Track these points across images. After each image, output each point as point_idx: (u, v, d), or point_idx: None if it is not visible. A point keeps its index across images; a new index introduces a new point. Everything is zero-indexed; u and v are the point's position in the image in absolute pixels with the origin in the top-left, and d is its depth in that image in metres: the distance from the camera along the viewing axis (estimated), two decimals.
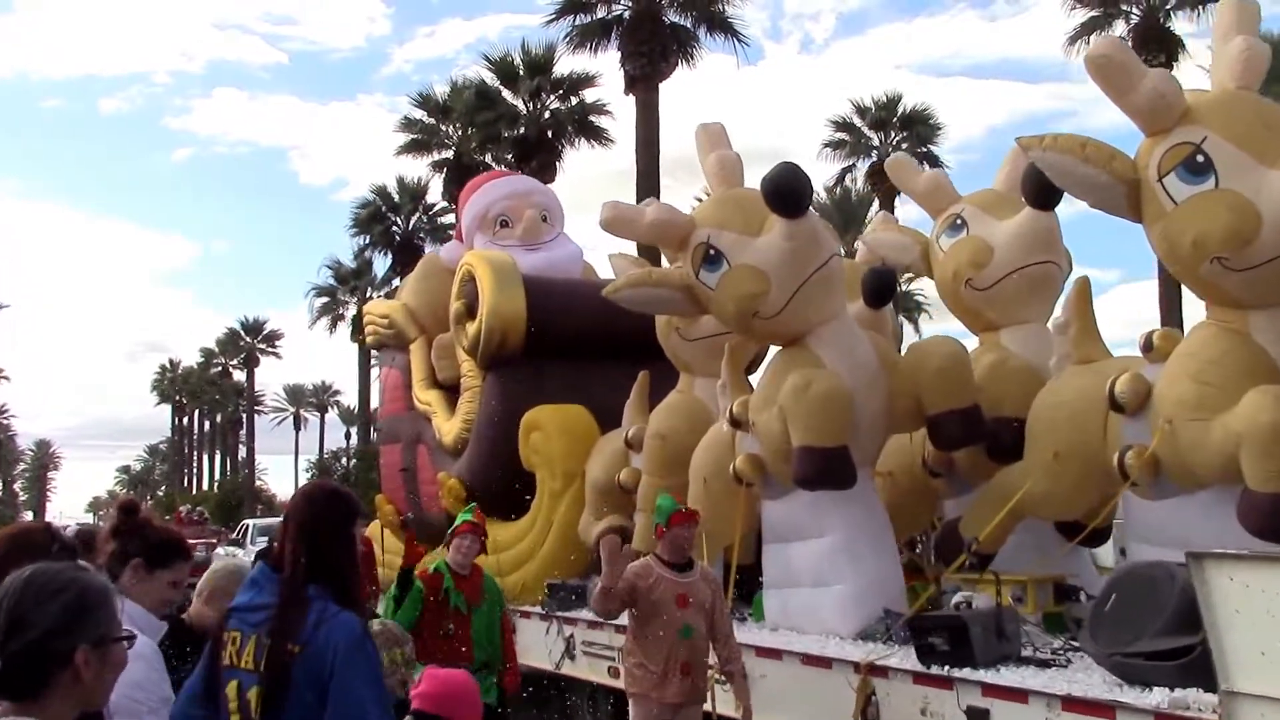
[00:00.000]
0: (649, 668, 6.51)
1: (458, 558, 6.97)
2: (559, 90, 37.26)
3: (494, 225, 12.27)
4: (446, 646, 6.71)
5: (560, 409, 10.34)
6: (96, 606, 2.36)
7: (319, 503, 3.52)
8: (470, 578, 7.00)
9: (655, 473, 9.09)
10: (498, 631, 7.05)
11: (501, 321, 10.75)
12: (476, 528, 7.06)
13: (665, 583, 6.55)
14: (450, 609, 6.82)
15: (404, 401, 12.63)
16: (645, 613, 6.54)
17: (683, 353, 9.28)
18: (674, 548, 6.61)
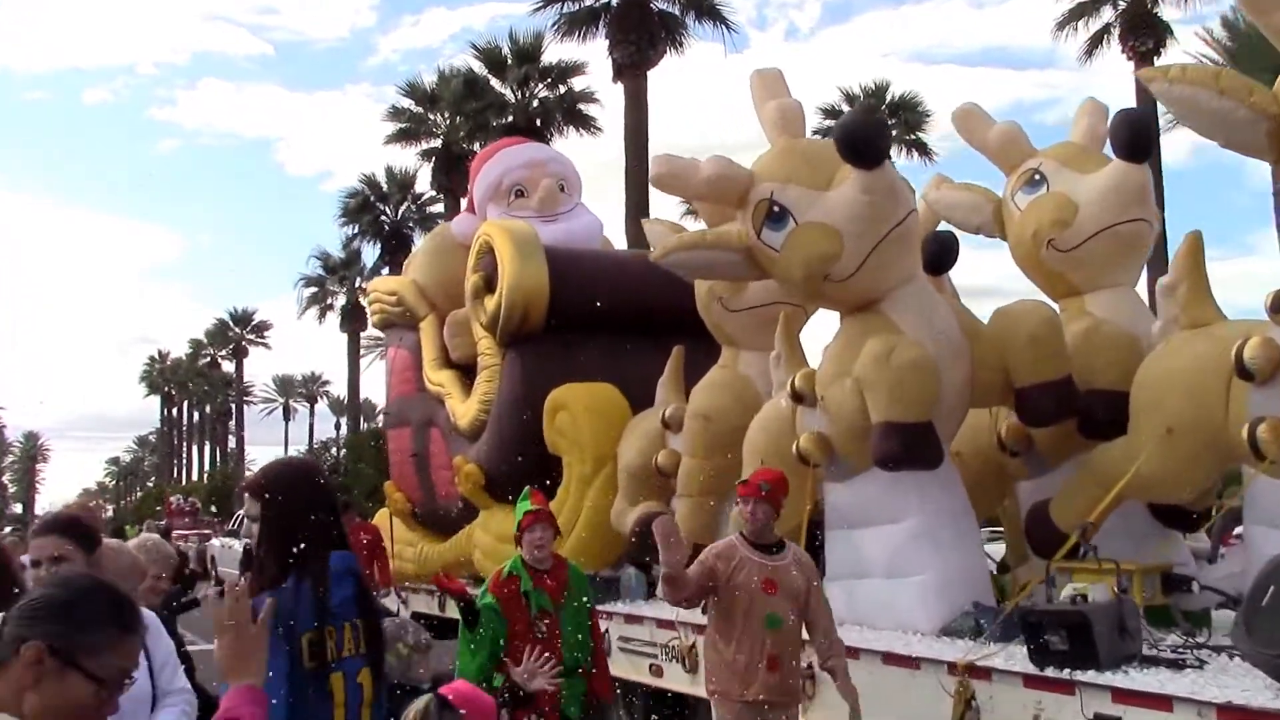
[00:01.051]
0: (730, 663, 5.65)
1: (534, 553, 5.94)
2: (547, 79, 36.79)
3: (508, 195, 11.33)
4: (540, 648, 5.78)
5: (589, 388, 9.43)
6: (79, 617, 2.11)
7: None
8: (552, 572, 6.01)
9: (698, 455, 8.19)
10: (588, 628, 6.03)
11: (523, 295, 9.82)
12: (543, 514, 6.06)
13: (750, 566, 5.67)
14: (536, 612, 5.85)
15: (414, 383, 11.69)
16: (726, 600, 5.67)
17: (726, 325, 8.37)
18: (755, 525, 5.73)
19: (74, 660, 2.08)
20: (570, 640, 5.86)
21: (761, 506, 5.76)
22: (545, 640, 5.72)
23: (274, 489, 3.37)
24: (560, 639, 5.81)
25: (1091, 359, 6.66)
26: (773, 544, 5.80)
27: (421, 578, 11.66)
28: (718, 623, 5.77)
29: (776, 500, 5.78)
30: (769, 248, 6.69)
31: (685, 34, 31.15)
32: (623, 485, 9.00)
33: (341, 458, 51.86)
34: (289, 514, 3.32)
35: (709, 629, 5.88)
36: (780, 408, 7.31)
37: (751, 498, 5.76)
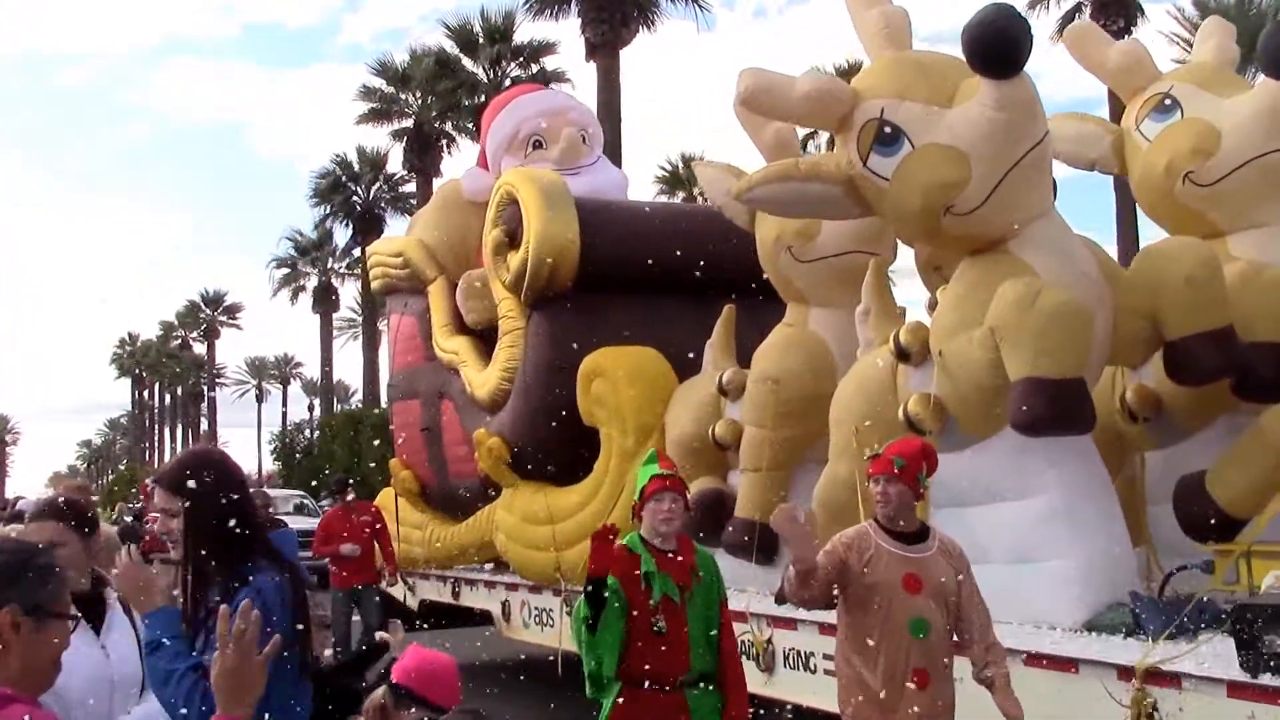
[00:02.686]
0: (866, 678, 4.48)
1: (658, 527, 4.65)
2: (519, 58, 35.93)
3: (526, 147, 10.08)
4: (656, 651, 4.56)
5: (629, 352, 8.23)
6: (34, 574, 2.15)
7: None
8: (678, 553, 4.72)
9: (766, 424, 7.02)
10: (717, 626, 4.74)
11: (552, 250, 8.59)
12: (674, 481, 4.75)
13: (887, 558, 4.50)
14: (657, 600, 4.58)
15: (422, 352, 10.43)
16: (859, 599, 4.50)
17: (796, 278, 7.19)
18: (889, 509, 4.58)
19: (50, 611, 2.13)
20: (697, 639, 4.63)
21: (896, 486, 4.58)
22: (666, 639, 4.54)
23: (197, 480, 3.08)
24: (687, 638, 4.59)
25: (1252, 306, 5.54)
26: (913, 531, 4.65)
27: (431, 562, 10.44)
28: (850, 630, 4.61)
29: (914, 478, 4.62)
30: (877, 176, 5.53)
31: (657, 13, 30.46)
32: (672, 459, 7.79)
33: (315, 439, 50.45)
34: (216, 505, 3.06)
35: (839, 637, 4.71)
36: (877, 368, 6.14)
37: (883, 475, 4.59)
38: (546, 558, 8.52)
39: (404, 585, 10.93)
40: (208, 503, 3.05)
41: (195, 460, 3.23)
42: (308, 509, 24.26)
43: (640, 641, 4.54)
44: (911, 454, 4.63)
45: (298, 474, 39.79)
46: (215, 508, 3.04)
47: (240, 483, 3.19)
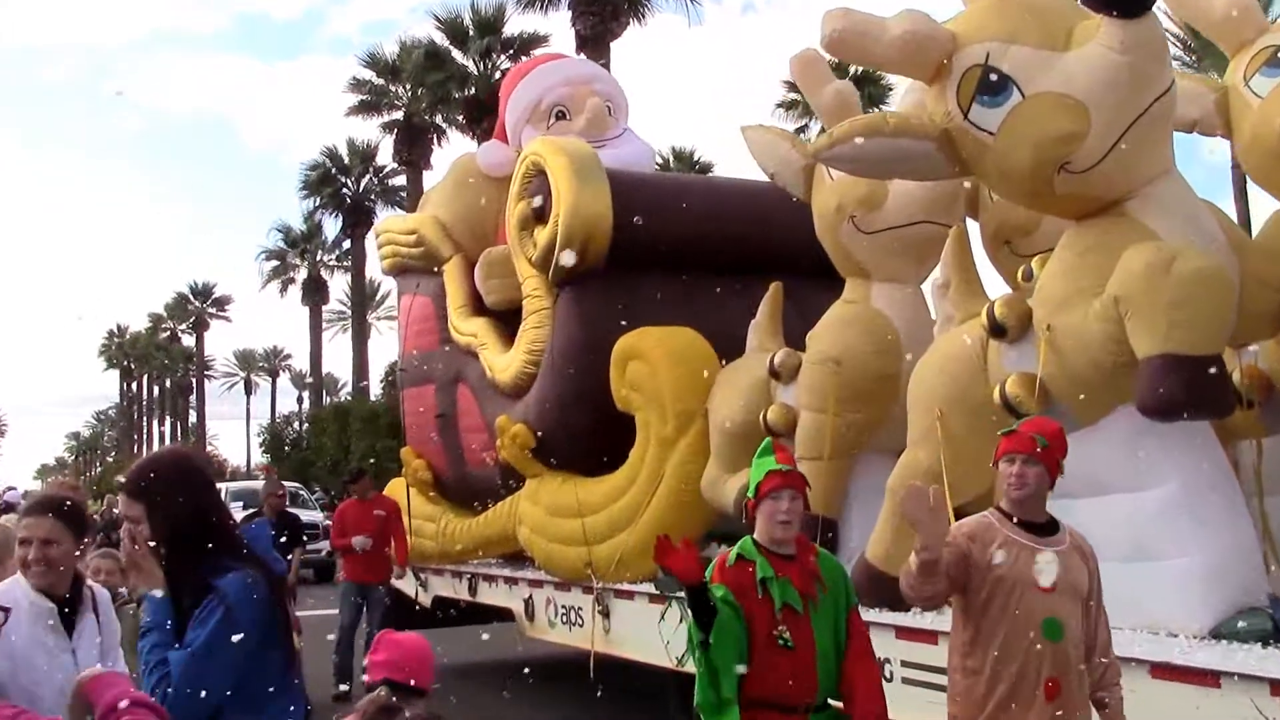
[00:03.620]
0: (990, 687, 3.80)
1: (777, 531, 3.92)
2: (509, 50, 35.04)
3: (548, 117, 9.36)
4: (781, 668, 3.81)
5: (668, 332, 7.52)
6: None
7: None
8: (799, 557, 4.00)
9: (826, 408, 6.33)
10: (844, 639, 3.99)
11: (583, 224, 7.87)
12: (794, 477, 4.00)
13: (1018, 551, 3.84)
14: (779, 610, 3.86)
15: (436, 334, 9.68)
16: (983, 598, 3.84)
17: (858, 250, 6.49)
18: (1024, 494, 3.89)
19: None
20: (826, 655, 3.90)
21: (1035, 468, 3.91)
22: (793, 655, 3.83)
23: (159, 486, 2.97)
24: (815, 654, 3.87)
25: None
26: (1044, 522, 3.97)
27: (446, 556, 9.71)
28: (967, 632, 3.93)
29: (1055, 461, 3.94)
30: (980, 130, 4.83)
31: (647, 6, 29.75)
32: (718, 448, 7.10)
33: (304, 432, 49.56)
34: (184, 506, 2.96)
35: (953, 642, 4.03)
36: (964, 345, 5.46)
37: (1020, 455, 3.91)
38: (576, 553, 7.81)
39: (415, 581, 10.20)
40: (170, 506, 2.93)
41: (155, 463, 3.10)
42: (302, 499, 23.52)
43: (762, 658, 3.83)
44: (1053, 433, 3.97)
45: (286, 466, 39.05)
46: (178, 510, 2.93)
47: (204, 483, 3.07)
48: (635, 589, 7.40)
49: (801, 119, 38.75)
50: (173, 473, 3.01)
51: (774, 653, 3.83)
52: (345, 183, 45.61)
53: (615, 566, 7.51)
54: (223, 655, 2.78)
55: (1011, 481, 3.90)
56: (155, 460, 3.19)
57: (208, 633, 2.81)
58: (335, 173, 45.27)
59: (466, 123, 36.13)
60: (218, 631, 2.80)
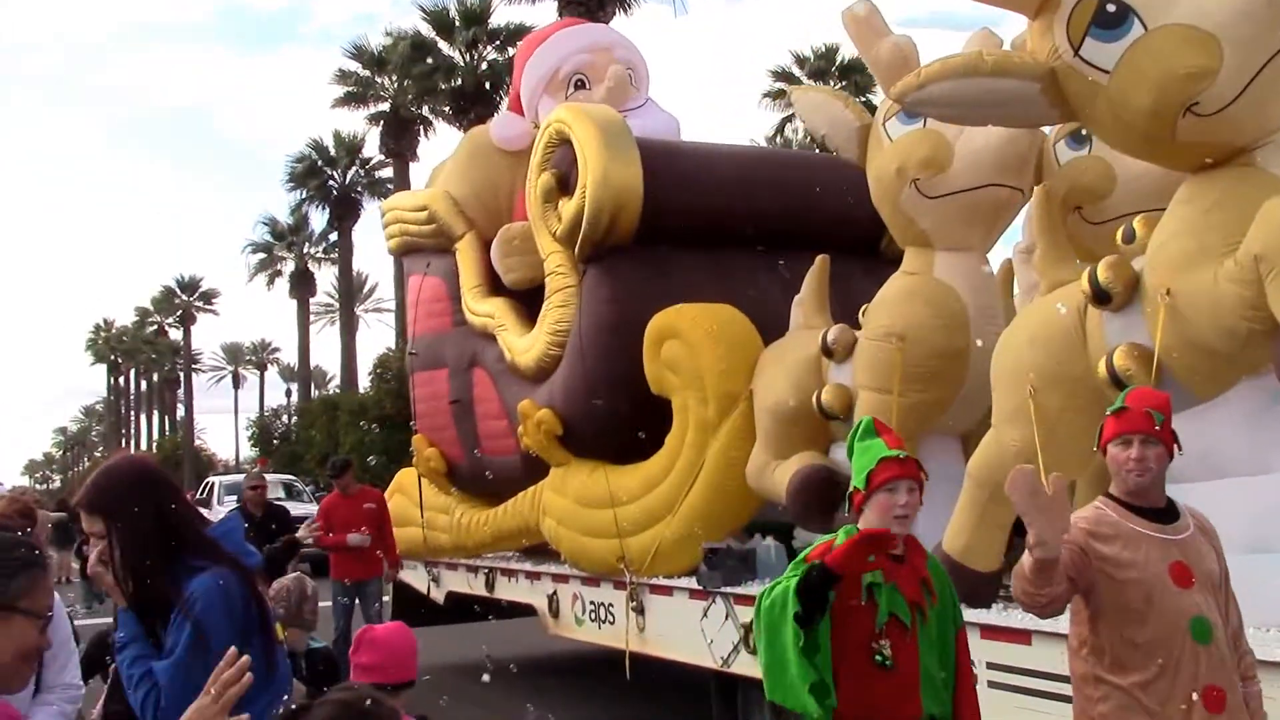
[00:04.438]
0: (1139, 700, 3.22)
1: (890, 528, 3.26)
2: (496, 41, 34.87)
3: (566, 86, 8.73)
4: (877, 690, 3.21)
5: (707, 309, 6.91)
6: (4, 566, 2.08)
7: None
8: (908, 559, 3.39)
9: (890, 388, 5.73)
10: (953, 660, 3.42)
11: (613, 195, 7.24)
12: (910, 465, 3.37)
13: (1145, 544, 3.28)
14: (883, 621, 3.26)
15: (449, 316, 9.04)
16: (1111, 600, 3.28)
17: (921, 216, 5.88)
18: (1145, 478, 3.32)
19: (15, 606, 2.06)
20: (931, 677, 3.31)
21: (1154, 449, 3.35)
22: (891, 677, 3.23)
23: (117, 498, 2.89)
24: (918, 677, 3.28)
25: None
26: (1162, 507, 3.40)
27: (461, 550, 9.08)
28: (1100, 640, 3.35)
29: (1171, 437, 3.37)
30: (1094, 69, 4.23)
31: None
32: (765, 432, 6.50)
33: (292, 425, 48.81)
34: (144, 516, 2.85)
35: (1079, 652, 3.44)
36: (1058, 314, 4.86)
37: (1137, 435, 3.33)
38: (607, 545, 7.20)
39: (427, 576, 9.57)
40: (130, 517, 2.85)
41: (110, 475, 3.00)
42: (296, 490, 22.87)
43: (856, 676, 3.22)
44: (1164, 405, 3.40)
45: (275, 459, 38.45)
46: (139, 520, 2.85)
47: (163, 488, 2.98)
48: (674, 584, 6.80)
49: (788, 109, 38.36)
50: (129, 483, 2.94)
51: (868, 671, 3.23)
52: (331, 175, 45.28)
53: (651, 560, 6.91)
54: (204, 658, 2.68)
55: (1131, 467, 3.33)
56: (110, 472, 3.04)
57: (186, 637, 2.76)
58: (321, 165, 44.85)
59: (453, 114, 36.03)
60: (195, 635, 2.75)
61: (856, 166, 8.10)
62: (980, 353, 5.70)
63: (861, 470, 3.44)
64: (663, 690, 7.54)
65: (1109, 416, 3.43)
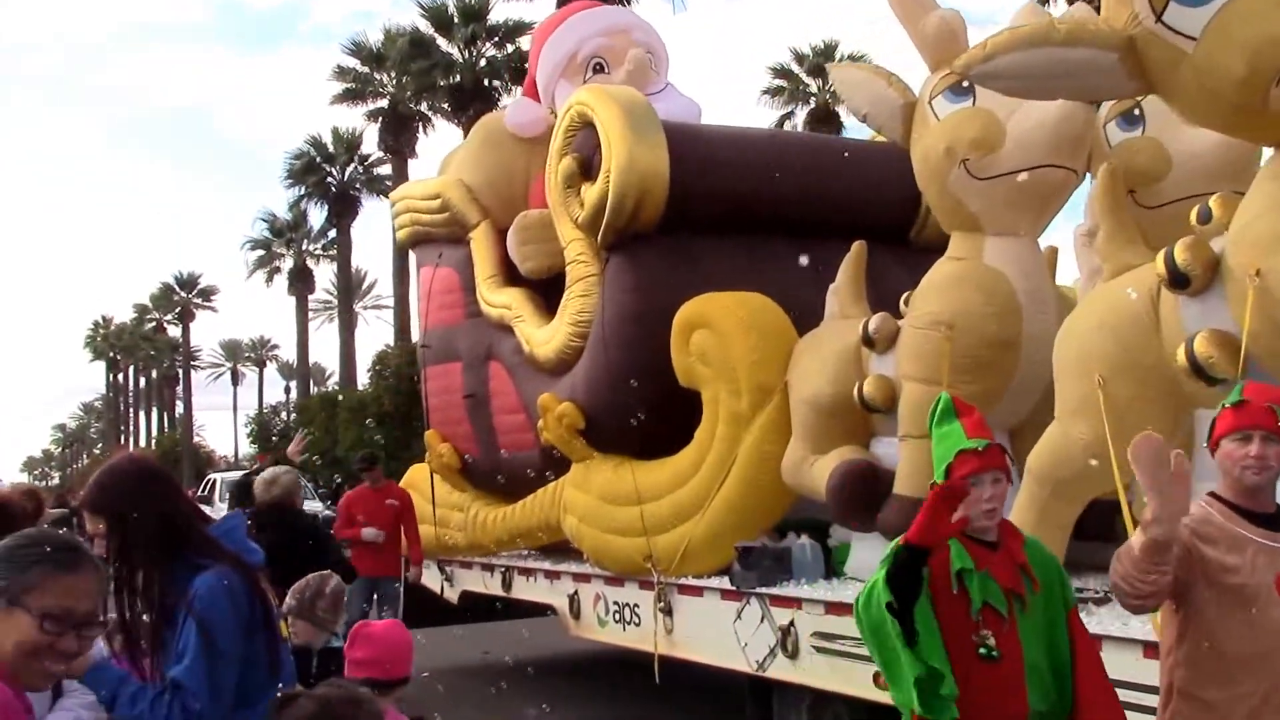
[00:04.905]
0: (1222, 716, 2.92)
1: (977, 520, 2.98)
2: (494, 38, 34.76)
3: (584, 70, 8.38)
4: (980, 685, 2.90)
5: (739, 298, 6.57)
6: (18, 559, 2.06)
7: None
8: (1003, 544, 3.08)
9: (938, 379, 5.38)
10: (1066, 649, 3.08)
11: (639, 180, 6.90)
12: (994, 453, 3.06)
13: (1252, 550, 2.98)
14: (977, 610, 2.95)
15: (463, 307, 8.69)
16: (1210, 605, 2.98)
17: (970, 198, 5.53)
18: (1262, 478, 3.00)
19: (18, 600, 2.03)
20: (1037, 668, 2.99)
21: (1275, 447, 3.01)
22: (996, 668, 2.92)
23: (119, 498, 2.86)
24: (1023, 667, 2.97)
25: None
26: (1274, 513, 3.07)
27: (476, 548, 8.74)
28: (1193, 649, 3.02)
29: None
30: (1178, 35, 3.89)
31: None
32: (802, 425, 6.16)
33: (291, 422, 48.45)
34: (147, 516, 2.82)
35: (1172, 659, 3.11)
36: (1128, 300, 4.53)
37: (1258, 431, 3.01)
38: (633, 544, 6.86)
39: (440, 575, 9.22)
40: (132, 516, 2.83)
41: (112, 475, 2.98)
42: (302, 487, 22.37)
43: (957, 670, 2.91)
44: None
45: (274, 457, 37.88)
46: (141, 519, 2.82)
47: (165, 486, 2.97)
48: (704, 584, 6.47)
49: (787, 105, 38.09)
50: (131, 482, 2.92)
51: (972, 663, 2.93)
52: (330, 171, 45.02)
53: (680, 559, 6.56)
54: (212, 657, 2.71)
55: (1249, 464, 3.00)
56: (112, 471, 3.00)
57: (194, 637, 2.72)
58: (320, 161, 44.58)
59: (452, 110, 35.86)
60: (202, 634, 2.71)
61: (887, 151, 7.80)
62: (1030, 342, 5.40)
63: (940, 462, 3.14)
64: (689, 693, 7.20)
65: (1225, 410, 3.10)
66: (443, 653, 9.49)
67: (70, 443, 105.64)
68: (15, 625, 2.02)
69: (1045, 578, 3.08)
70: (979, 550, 3.00)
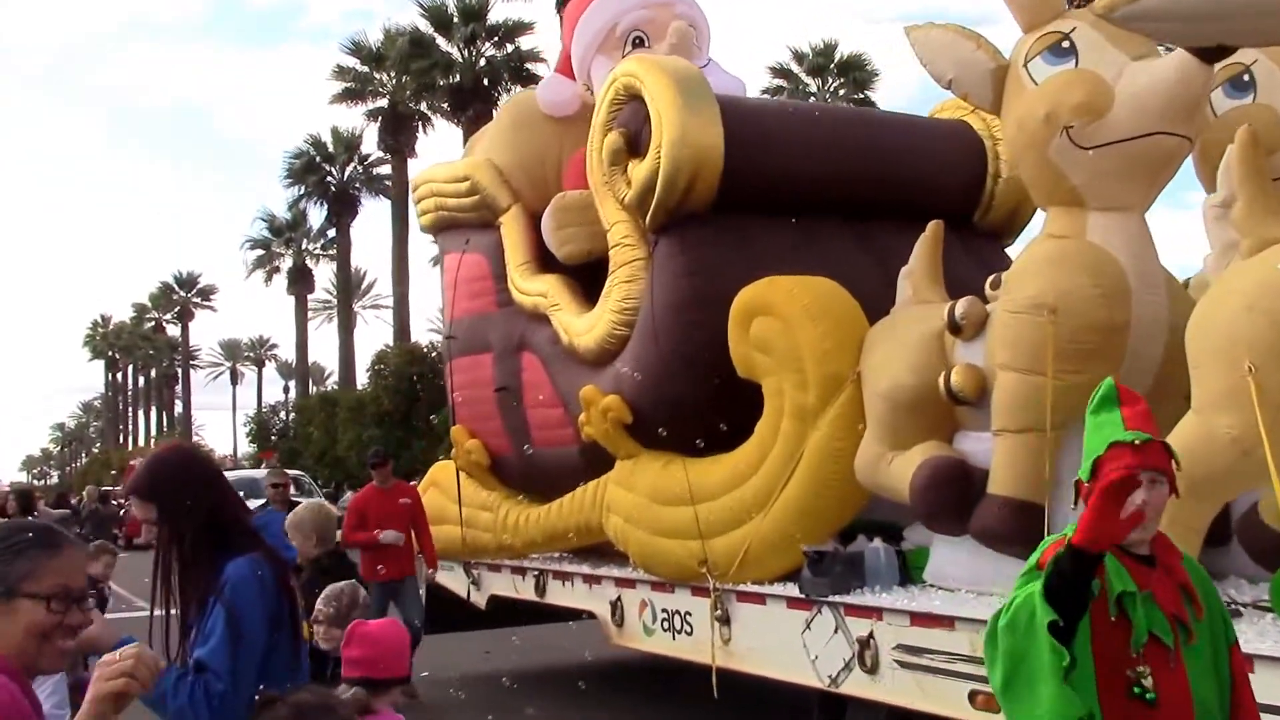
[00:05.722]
0: None
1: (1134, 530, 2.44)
2: (494, 37, 34.57)
3: (624, 44, 7.77)
4: None
5: (805, 282, 5.96)
6: (5, 551, 2.03)
7: None
8: (1161, 560, 2.55)
9: (1042, 368, 4.80)
10: (1229, 686, 2.53)
11: (692, 155, 6.30)
12: (1155, 449, 2.51)
13: None
14: (1140, 642, 2.40)
15: (493, 295, 8.07)
16: None
17: (1074, 170, 4.94)
18: None
19: (16, 589, 2.02)
20: (1208, 712, 2.44)
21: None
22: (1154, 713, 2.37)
23: (169, 485, 2.89)
24: (1190, 710, 2.41)
25: None
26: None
27: (506, 550, 8.13)
28: None
29: None
30: None
31: None
32: (879, 419, 5.55)
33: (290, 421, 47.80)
34: (194, 502, 2.86)
35: None
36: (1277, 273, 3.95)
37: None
38: (685, 547, 6.25)
39: (466, 578, 8.61)
40: (181, 503, 2.85)
41: (161, 463, 3.01)
42: (306, 486, 21.90)
43: (1107, 711, 2.35)
44: None
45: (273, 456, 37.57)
46: (190, 507, 2.85)
47: (211, 475, 2.99)
48: (767, 591, 5.87)
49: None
50: (179, 470, 2.96)
51: (1125, 706, 2.38)
52: (330, 171, 44.83)
53: (739, 564, 5.96)
54: (239, 640, 2.71)
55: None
56: (160, 459, 3.06)
57: (222, 622, 2.72)
58: (320, 161, 44.36)
59: (451, 110, 35.58)
60: (229, 619, 2.72)
61: (950, 129, 7.22)
62: (1140, 326, 4.83)
63: (1089, 455, 2.58)
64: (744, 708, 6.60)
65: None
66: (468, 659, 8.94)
67: (69, 442, 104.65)
68: (20, 613, 2.01)
69: (1209, 601, 2.53)
70: (1137, 568, 2.45)
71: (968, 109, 7.20)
